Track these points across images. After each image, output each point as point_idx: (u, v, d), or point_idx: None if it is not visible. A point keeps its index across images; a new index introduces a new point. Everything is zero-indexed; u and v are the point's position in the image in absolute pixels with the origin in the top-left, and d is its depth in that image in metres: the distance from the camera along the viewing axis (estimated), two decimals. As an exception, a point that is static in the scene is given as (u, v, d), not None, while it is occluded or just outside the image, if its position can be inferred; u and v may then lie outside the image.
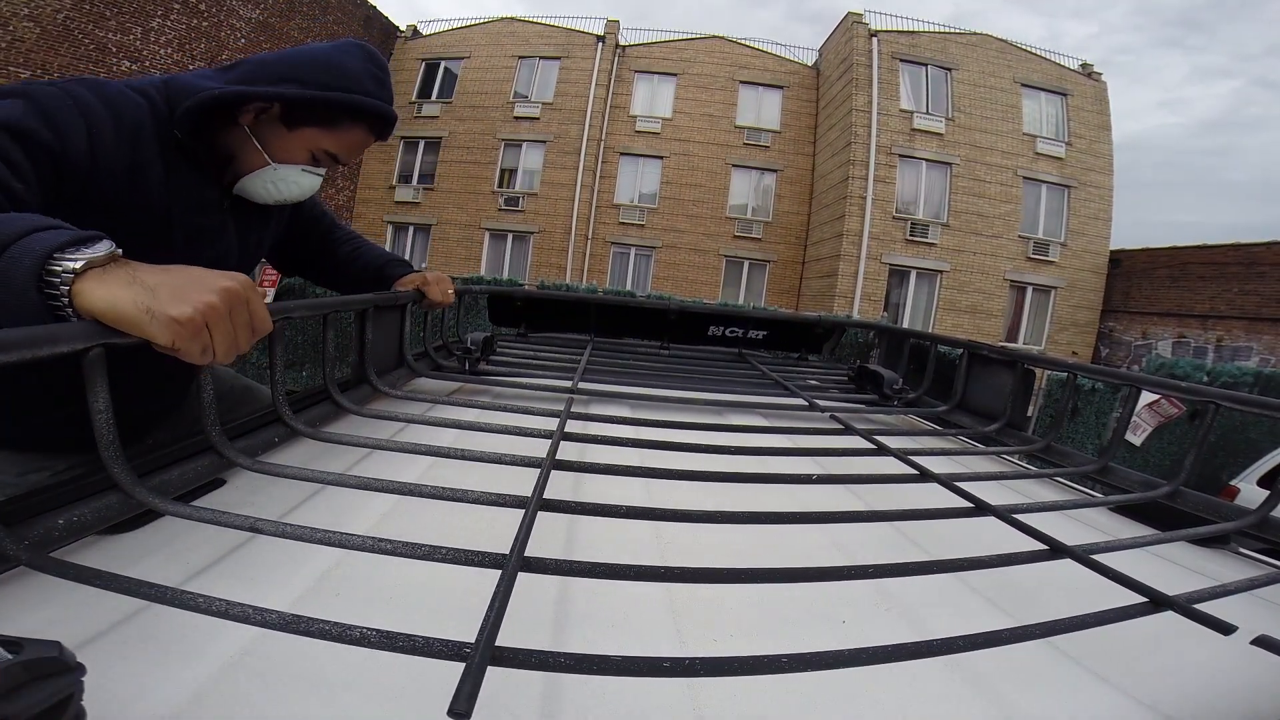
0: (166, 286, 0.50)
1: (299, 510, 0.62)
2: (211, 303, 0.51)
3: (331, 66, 0.88)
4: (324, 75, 0.87)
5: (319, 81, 0.87)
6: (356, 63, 0.91)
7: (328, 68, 0.88)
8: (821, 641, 0.41)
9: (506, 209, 13.61)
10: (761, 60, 14.17)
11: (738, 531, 0.62)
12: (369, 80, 0.91)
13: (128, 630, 0.40)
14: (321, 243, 1.28)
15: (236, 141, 0.88)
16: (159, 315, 0.49)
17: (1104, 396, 5.81)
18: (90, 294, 0.49)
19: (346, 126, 0.92)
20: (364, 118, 0.92)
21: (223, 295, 0.52)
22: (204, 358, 0.52)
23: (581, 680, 0.39)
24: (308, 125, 0.89)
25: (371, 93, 0.91)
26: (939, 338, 1.51)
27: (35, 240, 0.51)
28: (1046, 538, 0.57)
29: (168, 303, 0.49)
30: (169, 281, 0.51)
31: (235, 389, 1.21)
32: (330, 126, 0.91)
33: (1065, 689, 0.45)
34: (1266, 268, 10.05)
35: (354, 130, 0.93)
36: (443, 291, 1.26)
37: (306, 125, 0.89)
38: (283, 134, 0.89)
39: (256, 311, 0.56)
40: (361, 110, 0.91)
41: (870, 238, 11.75)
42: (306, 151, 0.92)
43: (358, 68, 0.90)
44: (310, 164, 0.94)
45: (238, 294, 0.54)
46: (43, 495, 0.50)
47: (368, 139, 0.97)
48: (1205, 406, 0.83)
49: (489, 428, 0.81)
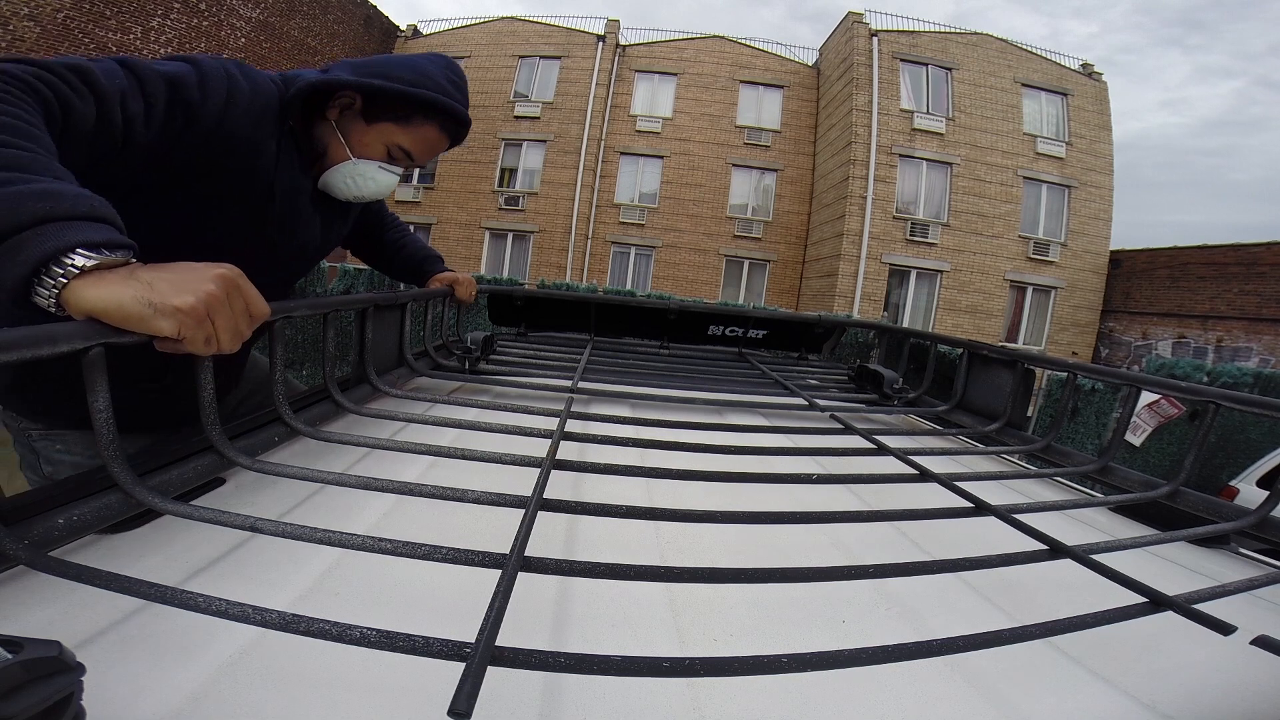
0: (163, 280, 0.50)
1: (299, 510, 0.62)
2: (211, 290, 0.51)
3: (412, 68, 0.96)
4: (404, 74, 0.94)
5: (398, 78, 0.93)
6: (436, 68, 0.98)
7: (409, 68, 0.96)
8: (821, 641, 0.41)
9: (506, 208, 13.61)
10: (762, 60, 14.16)
11: (738, 531, 0.62)
12: (445, 83, 0.97)
13: (127, 630, 0.40)
14: (374, 229, 1.39)
15: (326, 135, 0.95)
16: (162, 307, 0.48)
17: (1104, 396, 5.81)
18: (86, 293, 0.48)
19: (419, 123, 0.97)
20: (435, 114, 0.97)
21: (219, 283, 0.53)
22: (208, 347, 0.52)
23: (581, 680, 0.39)
24: (384, 120, 0.95)
25: (447, 94, 0.97)
26: (939, 337, 1.51)
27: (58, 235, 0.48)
28: (1046, 538, 0.57)
29: (168, 294, 0.49)
30: (164, 275, 0.51)
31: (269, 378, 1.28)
32: (405, 122, 0.96)
33: (1065, 689, 0.45)
34: (1266, 268, 10.05)
35: (427, 128, 0.98)
36: (469, 292, 1.45)
37: (383, 120, 0.95)
38: (362, 128, 0.95)
39: (251, 298, 0.57)
40: (431, 106, 0.95)
41: (870, 237, 11.74)
42: (383, 146, 0.97)
43: (436, 72, 0.97)
44: (386, 160, 0.99)
45: (233, 281, 0.54)
46: (43, 495, 0.50)
47: (441, 140, 1.02)
48: (1205, 406, 0.83)
49: (489, 427, 0.81)
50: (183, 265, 0.53)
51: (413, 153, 0.99)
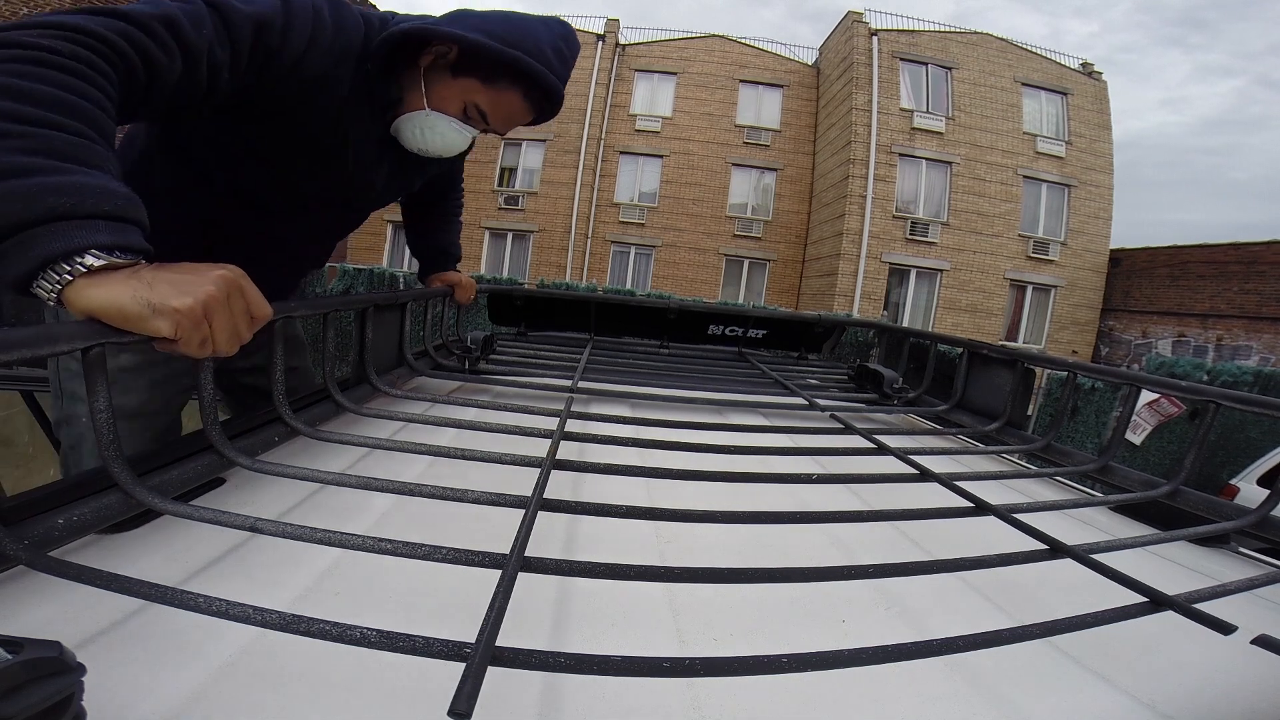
0: (163, 280, 0.50)
1: (299, 510, 0.62)
2: (210, 292, 0.51)
3: (521, 28, 0.88)
4: (510, 33, 0.87)
5: (501, 36, 0.86)
6: (545, 32, 0.90)
7: (518, 27, 0.88)
8: (821, 641, 0.41)
9: (506, 208, 13.60)
10: (762, 59, 14.15)
11: (738, 531, 0.62)
12: (549, 50, 0.89)
13: (128, 630, 0.40)
14: (435, 196, 1.40)
15: (408, 83, 0.91)
16: (160, 308, 0.48)
17: (1104, 396, 5.81)
18: (88, 292, 0.48)
19: (504, 86, 0.91)
20: (523, 81, 0.90)
21: (220, 284, 0.52)
22: (204, 349, 0.51)
23: (581, 680, 0.39)
24: (469, 75, 0.90)
25: (545, 62, 0.89)
26: (939, 337, 1.51)
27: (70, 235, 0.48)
28: (1046, 537, 0.57)
29: (167, 295, 0.49)
30: (165, 275, 0.50)
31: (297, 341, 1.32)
32: (489, 82, 0.90)
33: (1065, 689, 0.45)
34: (1266, 267, 10.05)
35: (510, 94, 0.92)
36: (466, 295, 1.47)
37: (468, 75, 0.90)
38: (446, 80, 0.90)
39: (253, 299, 0.56)
40: (521, 72, 0.88)
41: (870, 237, 11.74)
42: (460, 102, 0.92)
43: (543, 35, 0.89)
44: (461, 117, 0.93)
45: (233, 282, 0.54)
46: (43, 495, 0.50)
47: (525, 111, 0.96)
48: (1205, 406, 0.83)
49: (489, 427, 0.81)
50: (187, 265, 0.53)
51: (489, 115, 0.94)
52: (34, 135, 0.49)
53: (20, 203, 0.46)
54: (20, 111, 0.49)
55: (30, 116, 0.49)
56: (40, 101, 0.50)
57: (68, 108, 0.52)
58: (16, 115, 0.49)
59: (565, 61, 0.92)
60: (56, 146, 0.50)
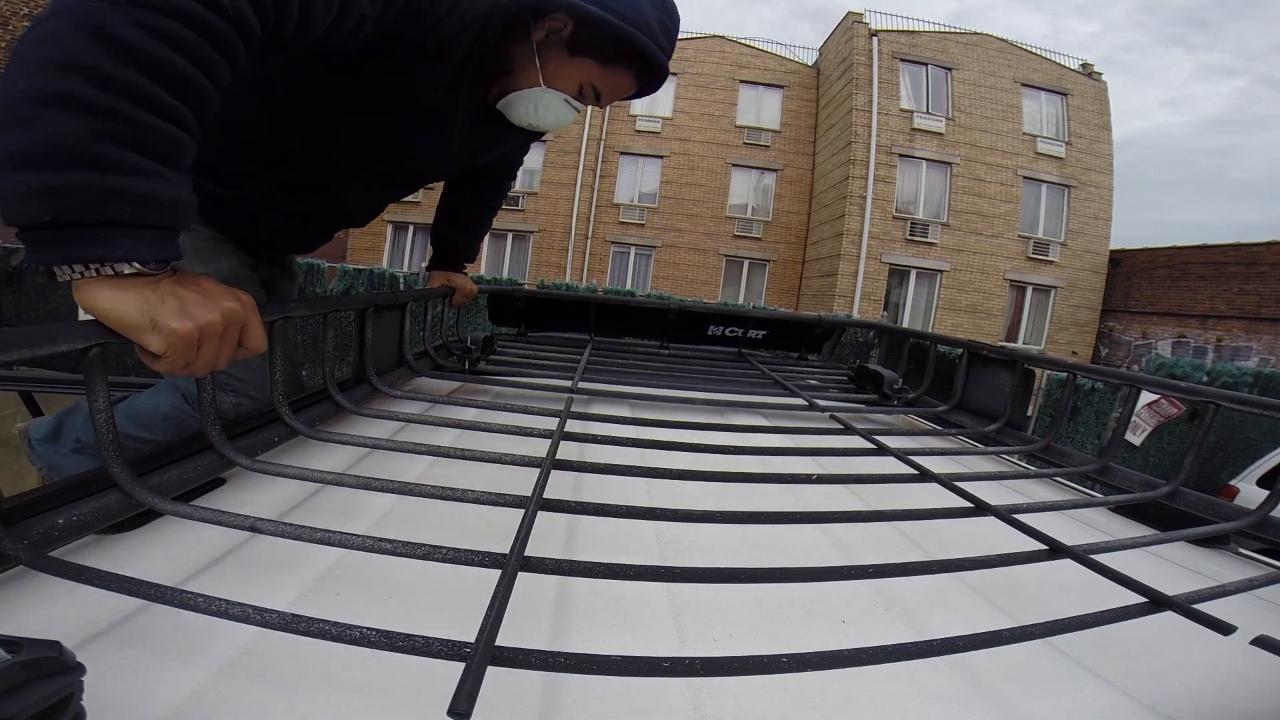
0: (173, 297, 0.50)
1: (299, 510, 0.62)
2: (212, 321, 0.51)
3: (629, 2, 0.88)
4: (623, 7, 0.87)
5: (614, 10, 0.87)
6: (652, 11, 0.91)
7: (629, 3, 0.88)
8: (821, 641, 0.41)
9: (506, 208, 13.51)
10: (761, 60, 14.16)
11: (738, 531, 0.62)
12: (656, 26, 0.91)
13: (127, 630, 0.40)
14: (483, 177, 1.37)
15: (520, 56, 0.90)
16: (161, 326, 0.48)
17: (1104, 396, 5.81)
18: (101, 294, 0.48)
19: (619, 66, 0.92)
20: (637, 63, 0.92)
21: (226, 315, 0.52)
22: (184, 371, 0.51)
23: (581, 680, 0.39)
24: (587, 56, 0.90)
25: (657, 41, 0.90)
26: (939, 337, 1.51)
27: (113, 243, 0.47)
28: (1046, 538, 0.57)
29: (170, 314, 0.49)
30: (178, 291, 0.50)
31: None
32: (606, 62, 0.91)
33: (1065, 689, 0.45)
34: (1266, 267, 10.05)
35: (624, 73, 0.94)
36: (462, 299, 1.48)
37: (586, 55, 0.90)
38: (563, 59, 0.90)
39: (252, 334, 0.56)
40: (639, 53, 0.89)
41: (870, 237, 11.74)
42: (577, 82, 0.93)
43: (648, 9, 0.90)
44: (576, 96, 0.94)
45: (238, 316, 0.54)
46: (42, 495, 0.50)
47: (631, 86, 0.97)
48: (1205, 406, 0.83)
49: (489, 427, 0.81)
50: (205, 284, 0.53)
51: (603, 94, 0.95)
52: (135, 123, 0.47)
53: (87, 198, 0.45)
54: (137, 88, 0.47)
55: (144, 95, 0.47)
56: (163, 78, 0.48)
57: (188, 90, 0.51)
58: (132, 91, 0.47)
59: (670, 36, 0.93)
60: (150, 141, 0.48)
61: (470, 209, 1.42)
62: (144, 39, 0.47)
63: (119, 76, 0.46)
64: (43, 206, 0.45)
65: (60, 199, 0.45)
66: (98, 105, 0.45)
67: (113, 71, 0.46)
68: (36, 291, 5.96)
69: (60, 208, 0.45)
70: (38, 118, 0.44)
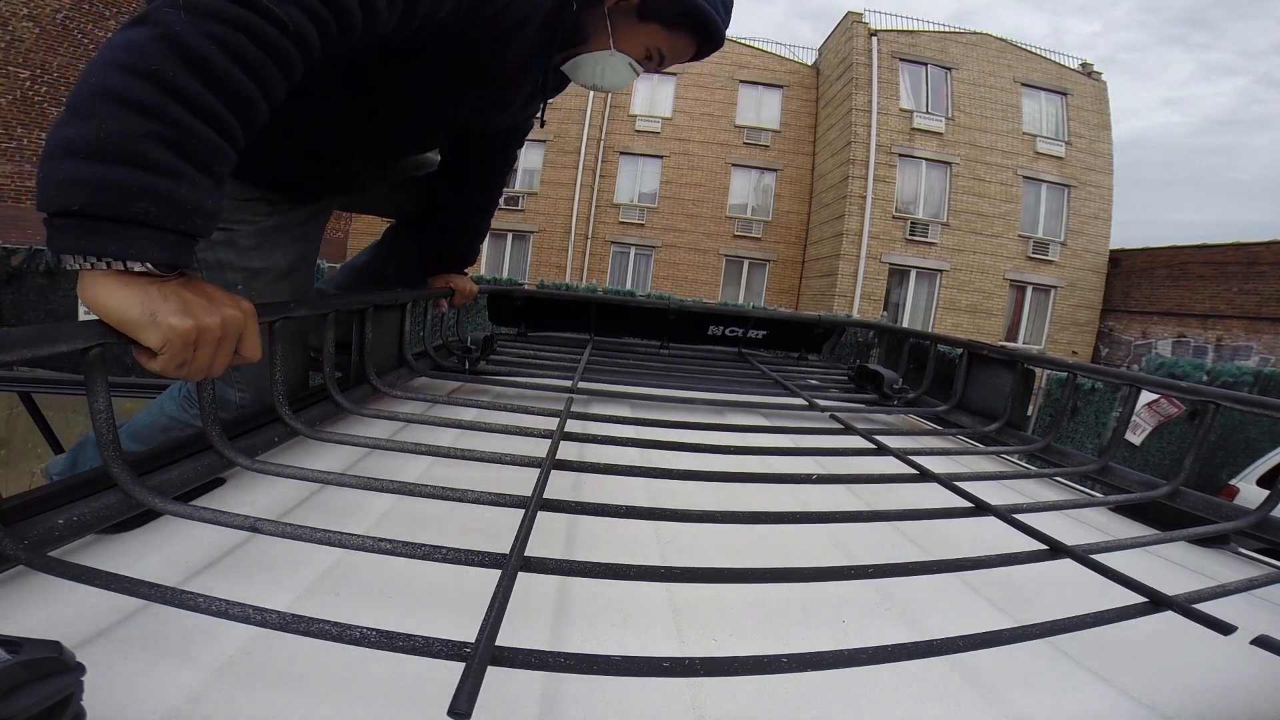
0: (177, 297, 0.50)
1: (299, 510, 0.62)
2: (210, 325, 0.51)
3: None
4: None
5: None
6: None
7: None
8: (821, 641, 0.41)
9: (506, 208, 13.59)
10: (761, 59, 14.15)
11: (738, 531, 0.62)
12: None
13: (127, 630, 0.40)
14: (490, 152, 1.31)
15: (594, 21, 0.95)
16: (160, 322, 0.48)
17: (1104, 396, 5.81)
18: (105, 289, 0.48)
19: (682, 32, 0.97)
20: (699, 30, 0.96)
21: (226, 322, 0.52)
22: (179, 371, 0.51)
23: (581, 680, 0.39)
24: (655, 21, 0.95)
25: (718, 10, 0.96)
26: (939, 337, 1.51)
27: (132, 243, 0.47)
28: (1046, 538, 0.57)
29: (172, 312, 0.49)
30: (181, 293, 0.50)
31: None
32: (671, 27, 0.96)
33: (1065, 689, 0.45)
34: (1266, 267, 10.05)
35: (685, 38, 0.98)
36: (465, 300, 1.44)
37: (654, 21, 0.95)
38: (633, 24, 0.95)
39: (249, 343, 0.56)
40: (703, 21, 0.94)
41: (870, 237, 11.75)
42: (644, 46, 0.98)
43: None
44: (642, 59, 0.99)
45: (238, 324, 0.54)
46: (42, 495, 0.50)
47: (689, 50, 1.01)
48: (1205, 406, 0.83)
49: (489, 427, 0.81)
50: (209, 290, 0.53)
51: (666, 57, 1.00)
52: (184, 127, 0.49)
53: (120, 193, 0.46)
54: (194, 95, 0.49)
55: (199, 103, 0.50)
56: (220, 89, 0.51)
57: (240, 102, 0.53)
58: (188, 98, 0.49)
59: (728, 6, 0.98)
60: (193, 147, 0.50)
61: (464, 205, 1.34)
62: (210, 50, 0.50)
63: (180, 83, 0.49)
64: (77, 195, 0.46)
65: (95, 191, 0.46)
66: (154, 107, 0.48)
67: (175, 78, 0.48)
68: (36, 291, 5.96)
69: (92, 199, 0.46)
70: (96, 112, 0.46)
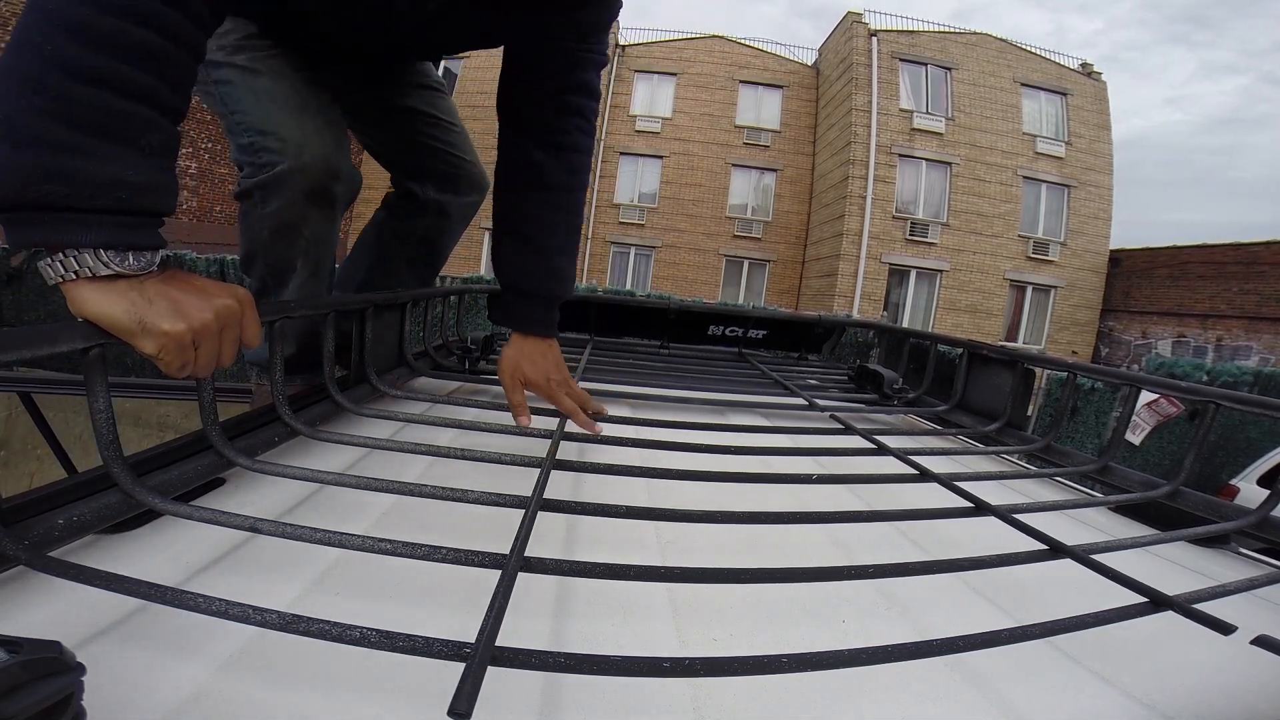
0: (163, 298, 0.49)
1: (298, 510, 0.62)
2: (206, 320, 0.50)
3: None
4: None
5: None
6: None
7: None
8: (821, 641, 0.41)
9: (506, 208, 13.58)
10: (761, 60, 14.16)
11: (738, 531, 0.62)
12: None
13: (127, 630, 0.40)
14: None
15: None
16: (151, 328, 0.48)
17: (1104, 396, 5.81)
18: (86, 296, 0.47)
19: None
20: None
21: (220, 313, 0.52)
22: (183, 371, 0.51)
23: (581, 680, 0.39)
24: None
25: None
26: (939, 337, 1.51)
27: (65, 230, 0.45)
28: (1046, 538, 0.57)
29: (161, 316, 0.48)
30: (167, 292, 0.50)
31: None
32: None
33: (1065, 689, 0.44)
34: (1266, 267, 10.06)
35: None
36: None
37: None
38: None
39: (249, 330, 0.56)
40: None
41: (870, 237, 11.75)
42: None
43: None
44: None
45: (234, 313, 0.53)
46: (42, 495, 0.50)
47: None
48: (1205, 406, 0.83)
49: (489, 427, 0.81)
50: (197, 283, 0.52)
51: None
52: (67, 95, 0.44)
53: (19, 178, 0.43)
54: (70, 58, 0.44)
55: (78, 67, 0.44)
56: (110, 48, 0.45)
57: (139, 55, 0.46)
58: (64, 62, 0.43)
59: None
60: (84, 114, 0.44)
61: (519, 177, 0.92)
62: (87, 13, 0.44)
63: (63, 52, 0.44)
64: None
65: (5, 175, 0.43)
66: (39, 81, 0.43)
67: (58, 47, 0.43)
68: (36, 292, 5.96)
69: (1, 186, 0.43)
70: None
